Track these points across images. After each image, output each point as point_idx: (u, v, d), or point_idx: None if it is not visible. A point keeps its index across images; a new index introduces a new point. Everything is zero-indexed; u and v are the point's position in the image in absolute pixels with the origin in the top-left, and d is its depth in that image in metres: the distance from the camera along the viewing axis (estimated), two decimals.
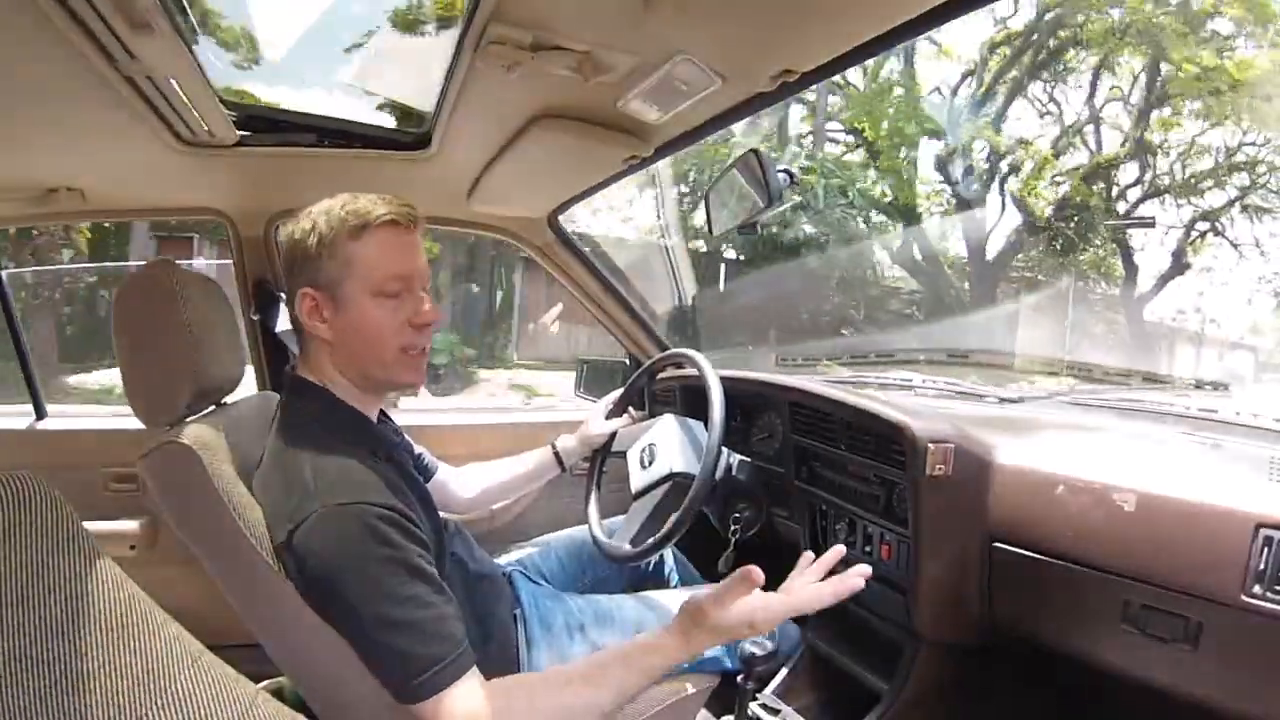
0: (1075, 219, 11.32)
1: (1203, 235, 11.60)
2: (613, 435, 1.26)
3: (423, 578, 0.72)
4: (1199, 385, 1.38)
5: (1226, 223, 11.39)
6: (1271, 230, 11.13)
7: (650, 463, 1.10)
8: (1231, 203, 11.25)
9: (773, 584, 1.02)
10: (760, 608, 0.78)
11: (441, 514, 0.91)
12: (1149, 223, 11.10)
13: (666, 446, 1.10)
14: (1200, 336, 13.26)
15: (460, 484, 1.22)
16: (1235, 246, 11.45)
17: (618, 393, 1.31)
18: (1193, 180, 11.20)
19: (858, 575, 0.78)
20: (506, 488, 1.25)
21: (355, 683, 0.71)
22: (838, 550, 0.84)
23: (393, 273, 0.81)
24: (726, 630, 0.78)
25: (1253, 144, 11.07)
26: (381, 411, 0.95)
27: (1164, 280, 11.78)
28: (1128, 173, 11.42)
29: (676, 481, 1.05)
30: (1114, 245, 11.74)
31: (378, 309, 0.81)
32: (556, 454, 1.24)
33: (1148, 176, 11.36)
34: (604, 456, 1.27)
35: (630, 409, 1.30)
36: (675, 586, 1.24)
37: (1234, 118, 10.40)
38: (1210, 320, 12.93)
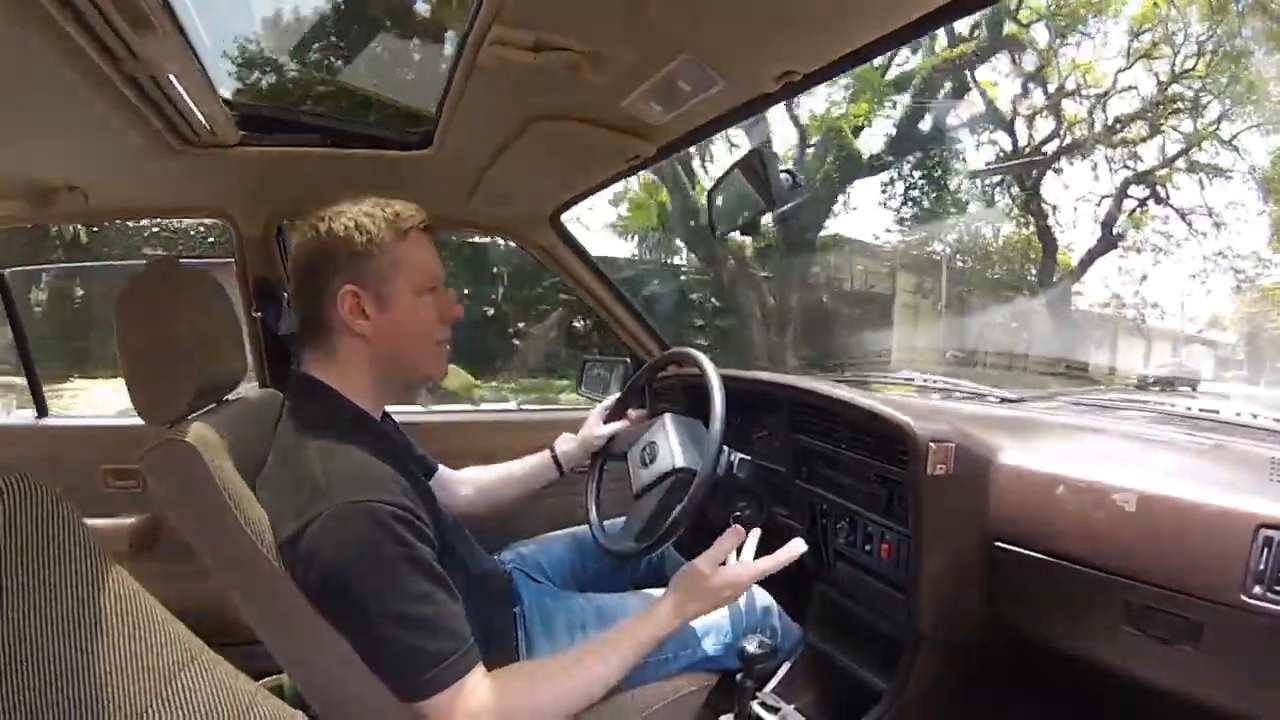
0: (926, 163, 8.51)
1: (1142, 203, 9.06)
2: (611, 438, 1.26)
3: (433, 576, 0.73)
4: (1143, 384, 1.37)
5: (1170, 188, 8.71)
6: (1226, 195, 8.70)
7: (651, 460, 1.10)
8: (1171, 160, 8.52)
9: (775, 582, 1.02)
10: (740, 569, 0.89)
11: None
12: (1036, 161, 8.89)
13: (667, 443, 1.10)
14: (1141, 327, 10.96)
15: (459, 485, 1.22)
16: (1183, 217, 9.10)
17: (616, 395, 1.31)
18: (1118, 125, 8.32)
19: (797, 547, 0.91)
20: (504, 491, 1.25)
21: (355, 680, 0.71)
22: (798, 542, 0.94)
23: (433, 272, 0.88)
24: (715, 591, 0.86)
25: (1193, 74, 7.89)
26: (384, 412, 0.96)
27: (1090, 259, 9.32)
28: (1041, 127, 8.48)
29: (679, 477, 1.05)
30: (1027, 215, 9.17)
31: (420, 306, 0.86)
32: (555, 458, 1.25)
33: (1063, 127, 8.27)
34: (604, 459, 1.27)
35: (629, 410, 1.30)
36: None
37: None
38: (1153, 306, 10.57)
